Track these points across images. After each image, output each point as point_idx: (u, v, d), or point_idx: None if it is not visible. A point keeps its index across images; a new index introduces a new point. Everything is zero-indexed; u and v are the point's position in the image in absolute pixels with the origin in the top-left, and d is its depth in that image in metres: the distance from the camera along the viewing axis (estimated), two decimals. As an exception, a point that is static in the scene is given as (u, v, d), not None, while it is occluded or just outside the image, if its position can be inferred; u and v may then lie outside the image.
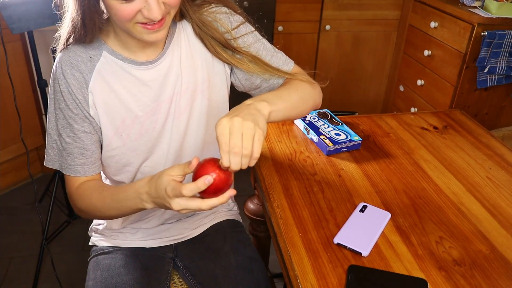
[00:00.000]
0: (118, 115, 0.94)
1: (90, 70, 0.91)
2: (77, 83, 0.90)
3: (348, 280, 0.81)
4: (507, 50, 2.02)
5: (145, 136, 0.98)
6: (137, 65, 0.93)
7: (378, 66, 2.71)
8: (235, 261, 1.05)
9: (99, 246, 1.11)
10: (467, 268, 0.87)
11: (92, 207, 0.94)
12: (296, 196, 1.04)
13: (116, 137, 0.96)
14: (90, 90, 0.91)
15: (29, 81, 2.23)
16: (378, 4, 2.50)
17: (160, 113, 0.97)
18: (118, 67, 0.93)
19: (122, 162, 1.00)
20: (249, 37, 1.00)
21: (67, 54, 0.90)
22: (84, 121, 0.93)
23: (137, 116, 0.96)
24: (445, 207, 1.03)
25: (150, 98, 0.96)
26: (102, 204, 0.92)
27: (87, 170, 0.96)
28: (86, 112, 0.92)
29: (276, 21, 2.40)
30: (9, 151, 2.25)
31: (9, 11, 1.58)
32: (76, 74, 0.90)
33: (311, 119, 1.31)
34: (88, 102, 0.92)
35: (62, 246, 2.00)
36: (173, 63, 0.97)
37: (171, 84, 0.97)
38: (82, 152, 0.95)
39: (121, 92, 0.93)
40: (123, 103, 0.94)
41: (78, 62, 0.90)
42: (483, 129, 1.37)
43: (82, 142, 0.94)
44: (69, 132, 0.93)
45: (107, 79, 0.92)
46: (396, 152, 1.23)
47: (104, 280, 1.00)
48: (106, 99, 0.93)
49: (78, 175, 0.96)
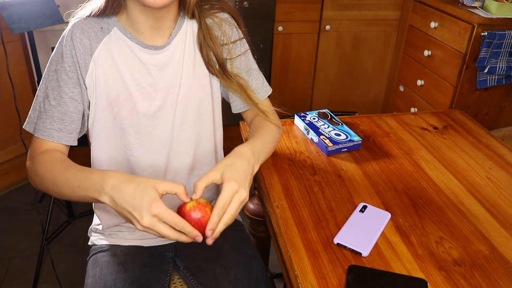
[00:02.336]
0: (114, 89, 0.97)
1: (99, 39, 0.95)
2: (83, 48, 0.94)
3: (348, 280, 0.81)
4: (507, 50, 2.02)
5: (135, 118, 1.00)
6: (142, 47, 0.97)
7: (378, 66, 2.71)
8: (235, 260, 1.06)
9: (98, 245, 1.11)
10: (467, 268, 0.87)
11: (49, 175, 0.86)
12: (296, 196, 1.04)
13: (108, 109, 0.98)
14: (93, 58, 0.95)
15: (29, 81, 2.23)
16: (378, 4, 2.50)
17: (155, 99, 1.00)
18: (124, 44, 0.97)
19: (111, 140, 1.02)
20: (242, 58, 1.06)
21: (82, 21, 0.95)
22: (75, 87, 0.94)
23: (131, 95, 0.98)
24: (445, 207, 1.03)
25: (147, 81, 0.99)
26: (60, 177, 0.84)
27: (61, 137, 0.93)
28: (82, 79, 0.94)
29: (276, 21, 2.41)
30: (9, 151, 2.26)
31: (9, 11, 1.58)
32: (84, 39, 0.94)
33: (311, 119, 1.32)
34: (88, 69, 0.95)
35: (62, 246, 2.00)
36: (176, 55, 1.00)
37: (170, 74, 1.00)
38: (62, 117, 0.93)
39: (122, 68, 0.97)
40: (122, 79, 0.97)
41: (90, 29, 0.94)
42: (483, 129, 1.37)
43: (66, 107, 0.93)
44: (56, 95, 0.93)
45: (112, 53, 0.96)
46: (396, 152, 1.23)
47: (103, 277, 1.01)
48: (106, 71, 0.96)
49: (51, 140, 0.93)
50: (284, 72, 2.57)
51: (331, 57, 2.60)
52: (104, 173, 0.79)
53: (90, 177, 0.80)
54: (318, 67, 2.61)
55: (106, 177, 0.77)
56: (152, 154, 1.04)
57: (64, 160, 0.89)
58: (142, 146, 1.03)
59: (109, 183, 0.76)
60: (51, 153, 0.92)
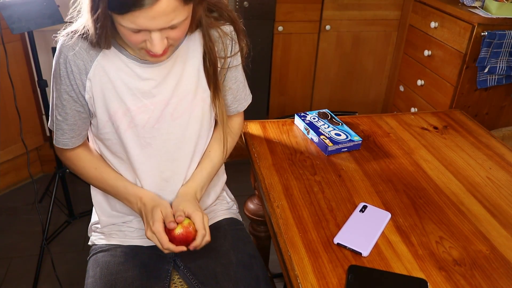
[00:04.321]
0: (112, 105, 0.97)
1: (92, 59, 0.94)
2: (77, 69, 0.94)
3: (348, 280, 0.81)
4: (507, 50, 2.01)
5: (135, 130, 1.00)
6: (139, 62, 0.96)
7: (378, 66, 2.71)
8: (235, 259, 1.06)
9: (98, 245, 1.11)
10: (467, 268, 0.87)
11: (85, 177, 1.07)
12: (296, 196, 1.04)
13: (109, 122, 1.00)
14: (89, 77, 0.95)
15: (29, 81, 2.23)
16: (378, 4, 2.50)
17: (153, 112, 0.99)
18: (120, 61, 0.95)
19: (115, 149, 1.03)
20: (232, 70, 1.08)
21: (72, 42, 0.93)
22: (76, 102, 0.98)
23: (129, 109, 0.98)
24: (445, 207, 1.03)
25: (144, 94, 0.98)
26: (98, 183, 1.06)
27: (75, 142, 1.04)
28: (81, 96, 0.97)
29: (276, 21, 2.40)
30: (9, 151, 2.25)
31: (9, 11, 1.58)
32: (78, 61, 0.93)
33: (311, 119, 1.31)
34: (85, 88, 0.96)
35: (62, 246, 2.00)
36: (176, 67, 0.99)
37: (170, 86, 0.99)
38: (71, 128, 1.01)
39: (118, 84, 0.96)
40: (118, 95, 0.97)
41: (81, 49, 0.93)
42: (483, 129, 1.37)
43: (73, 119, 1.00)
44: (61, 111, 0.99)
45: (107, 70, 0.95)
46: (396, 152, 1.23)
47: (103, 277, 1.01)
48: (103, 88, 0.96)
49: (67, 147, 1.04)
50: (284, 72, 2.57)
51: (331, 57, 2.60)
52: (137, 192, 1.03)
53: (126, 193, 1.04)
54: (318, 67, 2.61)
55: (139, 197, 1.02)
56: (153, 164, 1.04)
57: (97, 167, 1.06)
58: (143, 157, 1.03)
59: (141, 202, 1.01)
60: (75, 156, 1.06)
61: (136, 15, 0.78)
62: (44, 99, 1.82)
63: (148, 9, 0.77)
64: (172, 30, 0.85)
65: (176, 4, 0.80)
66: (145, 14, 0.78)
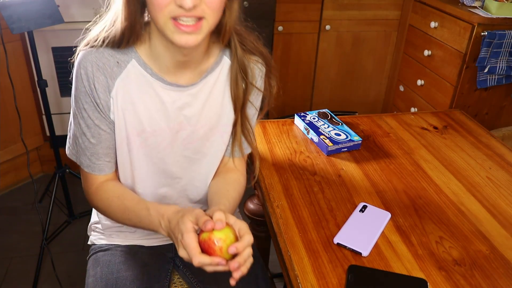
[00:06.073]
0: (130, 125, 0.93)
1: (115, 76, 0.88)
2: (101, 87, 0.88)
3: (348, 280, 0.81)
4: (507, 50, 2.01)
5: (146, 150, 0.96)
6: (164, 84, 0.91)
7: (378, 66, 2.71)
8: None
9: (97, 244, 1.11)
10: (467, 268, 0.87)
11: (110, 212, 0.95)
12: (296, 196, 1.04)
13: (125, 142, 0.95)
14: (112, 96, 0.89)
15: (29, 81, 2.23)
16: (378, 4, 2.50)
17: (168, 135, 0.95)
18: (143, 80, 0.90)
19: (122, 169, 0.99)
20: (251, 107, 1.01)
21: (95, 54, 0.87)
22: (107, 120, 0.92)
23: (144, 131, 0.94)
24: (445, 207, 1.03)
25: (162, 118, 0.93)
26: (121, 214, 0.93)
27: (111, 167, 0.96)
28: (107, 116, 0.91)
29: (276, 21, 2.40)
30: (9, 151, 2.25)
31: (9, 11, 1.58)
32: (101, 77, 0.87)
33: (311, 119, 1.31)
34: (110, 107, 0.90)
35: (62, 246, 2.00)
36: (200, 95, 0.94)
37: (190, 113, 0.95)
38: (106, 152, 0.94)
39: (139, 106, 0.91)
40: (137, 116, 0.92)
41: (105, 65, 0.87)
42: (483, 129, 1.37)
43: (108, 142, 0.93)
44: (94, 133, 0.92)
45: (129, 89, 0.90)
46: (396, 152, 1.23)
47: (104, 276, 1.01)
48: (123, 108, 0.91)
49: (103, 173, 0.95)
50: (284, 72, 2.57)
51: (331, 57, 2.60)
52: (159, 210, 0.86)
53: (148, 215, 0.88)
54: (318, 67, 2.61)
55: (163, 212, 0.85)
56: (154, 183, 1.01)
57: (118, 194, 0.94)
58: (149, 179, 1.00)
59: (166, 220, 0.83)
60: (103, 188, 0.96)
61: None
62: (44, 99, 1.82)
63: None
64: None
65: None
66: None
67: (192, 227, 0.77)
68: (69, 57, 0.93)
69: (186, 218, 0.78)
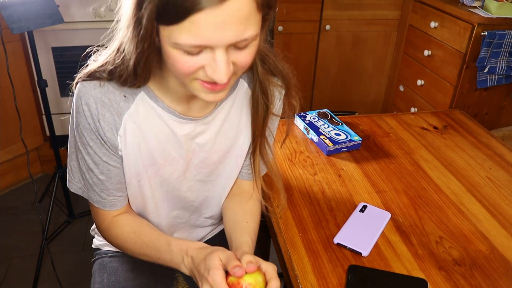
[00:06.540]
0: (141, 159, 0.87)
1: (122, 111, 0.80)
2: (107, 125, 0.80)
3: (348, 280, 0.81)
4: (507, 50, 2.01)
5: (158, 180, 0.92)
6: (175, 117, 0.83)
7: (378, 66, 2.71)
8: None
9: (103, 250, 1.10)
10: (467, 268, 0.87)
11: (126, 248, 0.89)
12: (296, 196, 1.04)
13: (135, 178, 0.90)
14: (119, 133, 0.82)
15: (29, 81, 2.23)
16: (378, 4, 2.50)
17: (179, 163, 0.90)
18: (154, 113, 0.82)
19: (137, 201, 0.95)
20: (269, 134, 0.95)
21: (99, 89, 0.78)
22: (113, 158, 0.86)
23: (156, 162, 0.88)
24: (445, 207, 1.03)
25: (175, 149, 0.88)
26: (139, 250, 0.87)
27: (124, 200, 0.91)
28: (116, 153, 0.85)
29: (276, 21, 2.40)
30: (9, 151, 2.25)
31: (9, 11, 1.58)
32: (107, 115, 0.79)
33: (311, 119, 1.31)
34: (117, 145, 0.83)
35: (62, 246, 1.99)
36: (214, 124, 0.88)
37: (203, 141, 0.89)
38: (117, 187, 0.88)
39: (150, 140, 0.85)
40: (148, 150, 0.86)
41: (111, 101, 0.78)
42: (483, 129, 1.37)
43: (118, 177, 0.87)
44: (103, 169, 0.85)
45: (139, 124, 0.82)
46: (396, 152, 1.23)
47: (111, 284, 0.98)
48: (133, 143, 0.84)
49: (115, 208, 0.90)
50: (284, 72, 2.57)
51: (331, 57, 2.60)
52: (181, 246, 0.80)
53: (169, 250, 0.82)
54: (318, 67, 2.61)
55: (187, 249, 0.79)
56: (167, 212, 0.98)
57: (134, 229, 0.89)
58: (162, 207, 0.96)
59: (189, 256, 0.78)
60: (117, 223, 0.90)
61: (198, 20, 0.60)
62: (44, 99, 1.82)
63: (216, 9, 0.60)
64: (239, 51, 0.67)
65: (250, 8, 0.62)
66: (211, 19, 0.60)
67: (220, 265, 0.71)
68: (69, 57, 0.91)
69: (215, 255, 0.73)
